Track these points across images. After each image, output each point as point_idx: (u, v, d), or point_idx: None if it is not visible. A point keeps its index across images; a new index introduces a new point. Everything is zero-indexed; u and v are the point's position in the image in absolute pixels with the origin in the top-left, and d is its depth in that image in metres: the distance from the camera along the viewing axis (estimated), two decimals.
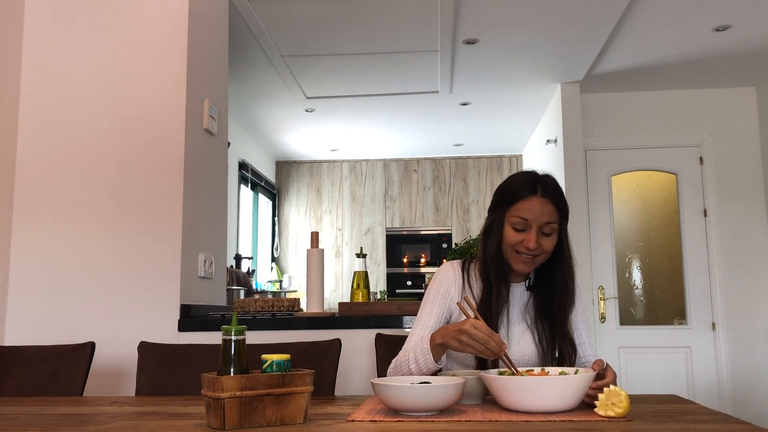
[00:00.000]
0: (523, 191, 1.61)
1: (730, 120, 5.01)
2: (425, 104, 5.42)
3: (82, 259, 2.53)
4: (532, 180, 1.63)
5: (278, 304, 2.55)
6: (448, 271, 1.75)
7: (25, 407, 1.57)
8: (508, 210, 1.63)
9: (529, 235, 1.59)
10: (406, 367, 1.58)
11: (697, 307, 4.84)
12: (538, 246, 1.60)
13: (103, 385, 2.41)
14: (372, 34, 4.03)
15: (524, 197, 1.60)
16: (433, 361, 1.53)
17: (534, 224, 1.59)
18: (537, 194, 1.60)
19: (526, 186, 1.62)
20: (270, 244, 6.97)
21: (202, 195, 2.74)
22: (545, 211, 1.60)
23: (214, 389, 1.20)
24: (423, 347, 1.54)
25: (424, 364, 1.54)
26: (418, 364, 1.55)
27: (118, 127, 2.60)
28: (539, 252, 1.61)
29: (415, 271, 6.89)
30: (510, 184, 1.67)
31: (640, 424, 1.20)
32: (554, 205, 1.61)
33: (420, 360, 1.54)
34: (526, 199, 1.60)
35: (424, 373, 1.55)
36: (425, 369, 1.54)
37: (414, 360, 1.56)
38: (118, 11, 2.67)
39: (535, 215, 1.59)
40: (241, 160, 5.94)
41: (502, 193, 1.68)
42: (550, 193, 1.61)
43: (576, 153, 4.80)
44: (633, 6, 3.71)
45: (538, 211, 1.59)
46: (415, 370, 1.56)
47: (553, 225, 1.61)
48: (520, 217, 1.60)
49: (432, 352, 1.52)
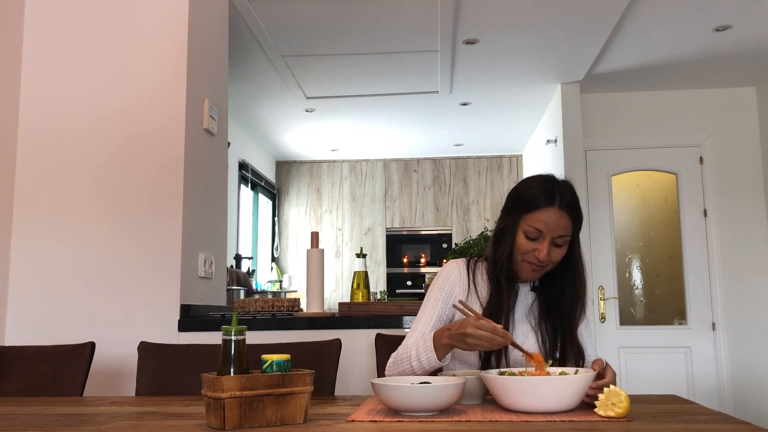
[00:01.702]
0: (541, 200, 1.57)
1: (730, 120, 5.01)
2: (425, 104, 5.42)
3: (82, 259, 2.53)
4: (551, 189, 1.58)
5: (278, 304, 2.55)
6: (453, 270, 1.74)
7: (25, 407, 1.57)
8: (523, 218, 1.59)
9: (542, 245, 1.57)
10: (407, 364, 1.57)
11: (697, 307, 4.84)
12: (548, 257, 1.58)
13: (103, 385, 2.41)
14: (372, 34, 4.03)
15: (541, 207, 1.56)
16: (437, 359, 1.52)
17: (548, 236, 1.57)
18: (555, 205, 1.56)
19: (544, 195, 1.57)
20: (270, 244, 6.97)
21: (202, 195, 2.74)
22: (561, 224, 1.56)
23: (214, 389, 1.20)
24: (426, 345, 1.54)
25: (426, 362, 1.54)
26: (420, 361, 1.55)
27: (118, 127, 2.60)
28: (548, 263, 1.60)
29: (415, 271, 6.89)
30: (528, 189, 1.62)
31: (640, 424, 1.20)
32: (570, 217, 1.58)
33: (423, 357, 1.54)
34: (543, 210, 1.56)
35: (426, 370, 1.55)
36: (428, 366, 1.54)
37: (416, 357, 1.55)
38: (118, 11, 2.67)
39: (550, 228, 1.56)
40: (241, 160, 5.94)
41: (518, 198, 1.63)
42: (567, 205, 1.57)
43: (576, 153, 4.80)
44: (633, 6, 3.71)
45: (554, 223, 1.56)
46: (417, 367, 1.56)
47: (566, 237, 1.58)
48: (535, 227, 1.57)
49: (436, 351, 1.52)
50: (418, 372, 1.57)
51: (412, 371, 1.57)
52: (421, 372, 1.57)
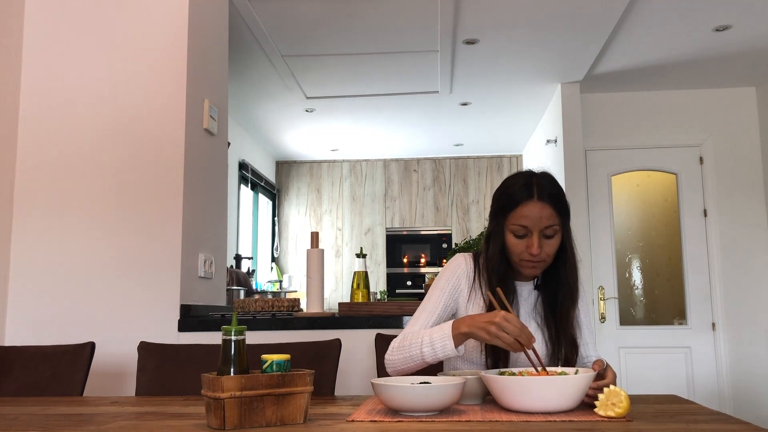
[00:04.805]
0: (520, 196, 1.58)
1: (730, 120, 5.01)
2: (425, 104, 5.42)
3: (82, 259, 2.53)
4: (528, 184, 1.59)
5: (278, 304, 2.55)
6: (460, 263, 1.74)
7: (25, 407, 1.57)
8: (507, 217, 1.60)
9: (531, 241, 1.57)
10: (417, 349, 1.55)
11: (697, 307, 4.84)
12: (542, 251, 1.58)
13: (103, 385, 2.41)
14: (372, 34, 4.03)
15: (521, 203, 1.57)
16: (453, 348, 1.49)
17: (534, 229, 1.57)
18: (533, 198, 1.56)
19: (522, 190, 1.58)
20: (270, 244, 6.97)
21: (202, 195, 2.74)
22: (544, 215, 1.56)
23: (214, 389, 1.20)
24: (443, 332, 1.51)
25: (441, 350, 1.51)
26: (433, 347, 1.52)
27: (118, 127, 2.60)
28: (544, 257, 1.60)
29: (415, 271, 6.89)
30: (506, 188, 1.64)
31: (640, 424, 1.20)
32: (552, 206, 1.57)
33: (437, 344, 1.51)
34: (524, 205, 1.57)
35: (437, 357, 1.53)
36: (441, 354, 1.51)
37: (429, 343, 1.52)
38: (118, 11, 2.67)
39: (534, 221, 1.56)
40: (241, 160, 5.94)
41: (499, 199, 1.65)
42: (546, 195, 1.57)
43: (576, 153, 4.80)
44: (633, 6, 3.71)
45: (537, 216, 1.56)
46: (428, 354, 1.53)
47: (554, 227, 1.58)
48: (519, 224, 1.57)
49: (454, 340, 1.50)
50: (428, 358, 1.54)
51: (422, 357, 1.54)
52: (431, 359, 1.53)
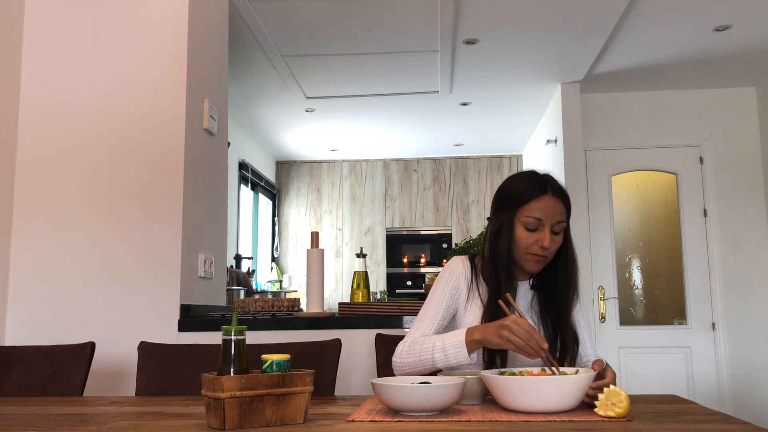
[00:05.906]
0: (534, 191, 1.62)
1: (730, 120, 5.01)
2: (425, 104, 5.42)
3: (82, 259, 2.53)
4: (541, 180, 1.65)
5: (278, 304, 2.55)
6: (458, 265, 1.75)
7: (25, 407, 1.57)
8: (520, 210, 1.63)
9: (543, 234, 1.60)
10: (428, 354, 1.55)
11: (697, 307, 4.84)
12: (551, 245, 1.61)
13: (103, 385, 2.41)
14: (372, 34, 4.03)
15: (536, 197, 1.61)
16: (467, 355, 1.51)
17: (547, 223, 1.61)
18: (548, 193, 1.62)
19: (536, 186, 1.63)
20: (270, 244, 6.97)
21: (202, 195, 2.74)
22: (557, 210, 1.61)
23: (214, 389, 1.20)
24: (456, 339, 1.52)
25: (453, 356, 1.52)
26: (446, 353, 1.53)
27: (118, 127, 2.60)
28: (550, 252, 1.63)
29: (415, 271, 6.89)
30: (516, 185, 1.67)
31: (640, 424, 1.20)
32: (564, 204, 1.64)
33: (450, 351, 1.52)
34: (539, 199, 1.61)
35: (448, 364, 1.54)
36: (453, 361, 1.52)
37: (441, 348, 1.53)
38: (118, 11, 2.67)
39: (548, 214, 1.60)
40: (241, 160, 5.94)
41: (508, 195, 1.67)
42: (558, 192, 1.64)
43: (576, 153, 4.80)
44: (633, 6, 3.71)
45: (551, 210, 1.61)
46: (439, 359, 1.54)
47: (562, 224, 1.63)
48: (534, 217, 1.60)
49: (467, 347, 1.51)
50: (439, 364, 1.55)
51: (432, 363, 1.55)
52: (443, 365, 1.55)
